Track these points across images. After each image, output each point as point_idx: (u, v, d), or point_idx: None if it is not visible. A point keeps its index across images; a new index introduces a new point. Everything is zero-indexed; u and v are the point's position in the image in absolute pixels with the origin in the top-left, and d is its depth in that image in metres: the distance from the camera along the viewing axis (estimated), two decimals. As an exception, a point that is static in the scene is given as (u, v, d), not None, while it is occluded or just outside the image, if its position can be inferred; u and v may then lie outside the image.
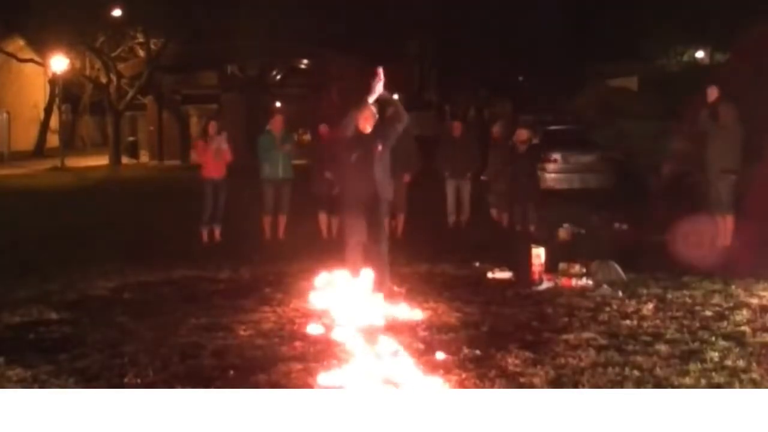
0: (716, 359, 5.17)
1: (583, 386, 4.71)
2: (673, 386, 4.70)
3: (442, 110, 38.03)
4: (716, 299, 6.85)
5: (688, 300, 6.85)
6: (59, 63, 29.29)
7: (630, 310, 6.54)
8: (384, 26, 33.26)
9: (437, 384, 4.74)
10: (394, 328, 5.95)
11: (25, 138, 36.30)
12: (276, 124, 10.56)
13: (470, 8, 33.64)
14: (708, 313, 6.40)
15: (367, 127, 7.09)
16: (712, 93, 9.48)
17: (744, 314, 6.33)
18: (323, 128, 10.64)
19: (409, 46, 38.84)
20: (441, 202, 11.71)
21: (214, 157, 10.22)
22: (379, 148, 7.07)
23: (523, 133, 11.10)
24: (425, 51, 40.16)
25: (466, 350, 5.39)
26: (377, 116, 7.18)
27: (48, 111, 37.34)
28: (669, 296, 6.97)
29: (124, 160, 31.51)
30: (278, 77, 32.91)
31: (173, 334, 5.88)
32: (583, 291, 7.22)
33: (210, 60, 30.78)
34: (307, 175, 10.73)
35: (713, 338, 5.65)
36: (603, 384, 4.74)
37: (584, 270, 7.72)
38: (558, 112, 26.88)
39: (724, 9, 25.39)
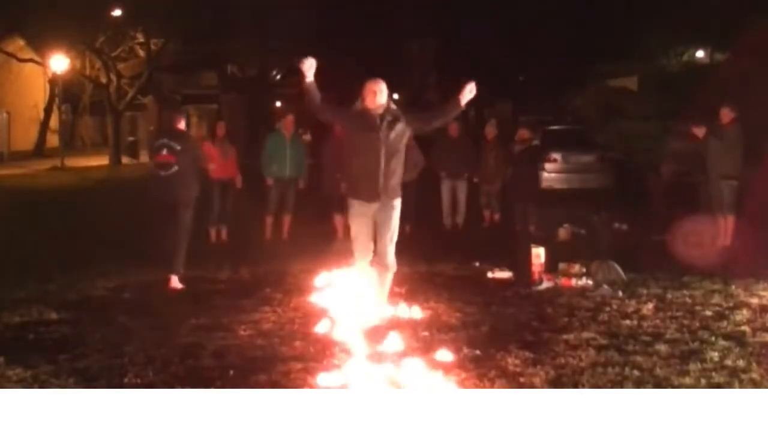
0: (716, 359, 5.17)
1: (583, 386, 4.71)
2: (673, 386, 4.70)
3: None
4: (716, 299, 6.85)
5: (688, 300, 6.85)
6: (59, 63, 29.30)
7: (630, 310, 6.54)
8: (384, 26, 33.27)
9: (437, 384, 4.74)
10: (394, 327, 5.95)
11: (25, 138, 36.31)
12: (287, 125, 10.55)
13: (470, 8, 33.65)
14: (708, 313, 6.40)
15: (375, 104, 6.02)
16: (726, 115, 9.47)
17: (744, 314, 6.33)
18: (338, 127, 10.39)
19: (409, 47, 38.85)
20: (438, 202, 11.68)
21: (222, 158, 10.25)
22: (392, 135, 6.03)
23: (524, 133, 11.08)
24: (425, 51, 40.19)
25: (466, 350, 5.39)
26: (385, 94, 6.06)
27: (48, 111, 37.35)
28: (669, 296, 6.97)
29: (124, 160, 31.53)
30: (278, 77, 32.92)
31: (173, 334, 5.88)
32: (583, 291, 7.22)
33: (210, 60, 30.81)
34: (315, 175, 10.70)
35: (713, 338, 5.65)
36: (603, 384, 4.74)
37: (584, 270, 7.72)
38: (558, 112, 26.90)
39: (724, 9, 25.39)
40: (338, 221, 10.40)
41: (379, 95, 5.99)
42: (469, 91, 6.02)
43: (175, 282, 7.60)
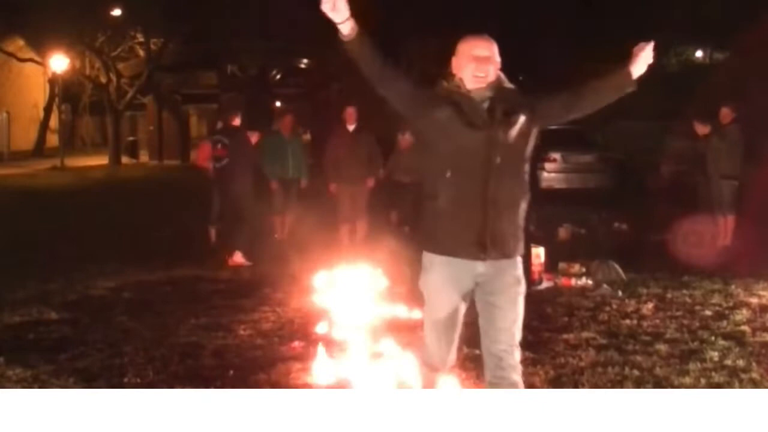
0: (716, 359, 5.17)
1: (583, 386, 4.72)
2: (673, 386, 4.71)
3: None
4: (716, 299, 6.85)
5: (688, 300, 6.85)
6: (59, 63, 29.31)
7: (630, 309, 6.54)
8: (384, 26, 33.25)
9: (437, 384, 4.73)
10: (394, 328, 5.95)
11: (25, 138, 36.32)
12: (285, 125, 10.56)
13: (469, 8, 33.65)
14: (708, 312, 6.41)
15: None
16: (727, 115, 9.50)
17: (744, 314, 6.34)
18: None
19: (409, 45, 38.79)
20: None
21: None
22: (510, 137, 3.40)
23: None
24: (425, 50, 40.15)
25: (466, 350, 5.38)
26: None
27: (48, 111, 37.37)
28: (669, 296, 6.98)
29: (124, 159, 31.54)
30: (278, 77, 32.91)
31: (173, 334, 5.88)
32: (583, 291, 7.23)
33: (210, 60, 30.79)
34: (317, 176, 10.68)
35: (713, 338, 5.65)
36: (603, 384, 4.74)
37: (584, 270, 7.73)
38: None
39: (724, 9, 25.40)
40: (343, 231, 10.27)
41: (488, 66, 3.43)
42: (644, 57, 3.51)
43: (238, 258, 8.59)
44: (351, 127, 9.65)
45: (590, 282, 7.46)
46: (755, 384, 4.75)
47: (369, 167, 9.75)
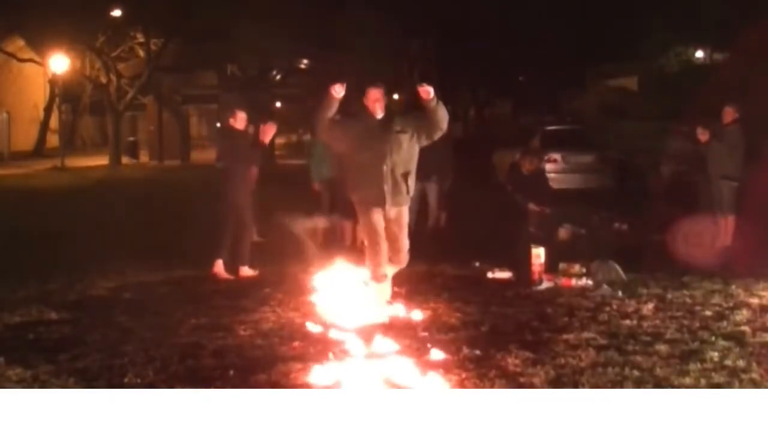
0: (716, 359, 5.17)
1: (583, 386, 4.72)
2: (673, 386, 4.71)
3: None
4: (716, 299, 6.85)
5: (688, 300, 6.85)
6: (59, 63, 29.28)
7: (630, 310, 6.54)
8: (384, 26, 33.22)
9: (437, 384, 4.74)
10: (394, 328, 5.95)
11: (25, 138, 36.32)
12: None
13: (470, 8, 33.64)
14: (708, 313, 6.40)
15: None
16: (729, 115, 9.48)
17: (744, 314, 6.33)
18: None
19: (409, 46, 38.78)
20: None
21: None
22: None
23: (526, 161, 10.46)
24: (425, 51, 40.14)
25: (466, 350, 5.39)
26: None
27: (48, 111, 37.36)
28: (669, 296, 6.97)
29: (124, 160, 31.51)
30: (278, 77, 32.91)
31: (173, 334, 5.88)
32: (583, 291, 7.22)
33: (210, 60, 30.79)
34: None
35: (713, 338, 5.65)
36: (603, 384, 4.74)
37: (584, 270, 7.72)
38: (558, 112, 26.93)
39: (724, 9, 25.42)
40: (346, 227, 10.19)
41: None
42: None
43: (246, 271, 8.24)
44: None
45: (590, 282, 7.45)
46: (755, 384, 4.74)
47: None
